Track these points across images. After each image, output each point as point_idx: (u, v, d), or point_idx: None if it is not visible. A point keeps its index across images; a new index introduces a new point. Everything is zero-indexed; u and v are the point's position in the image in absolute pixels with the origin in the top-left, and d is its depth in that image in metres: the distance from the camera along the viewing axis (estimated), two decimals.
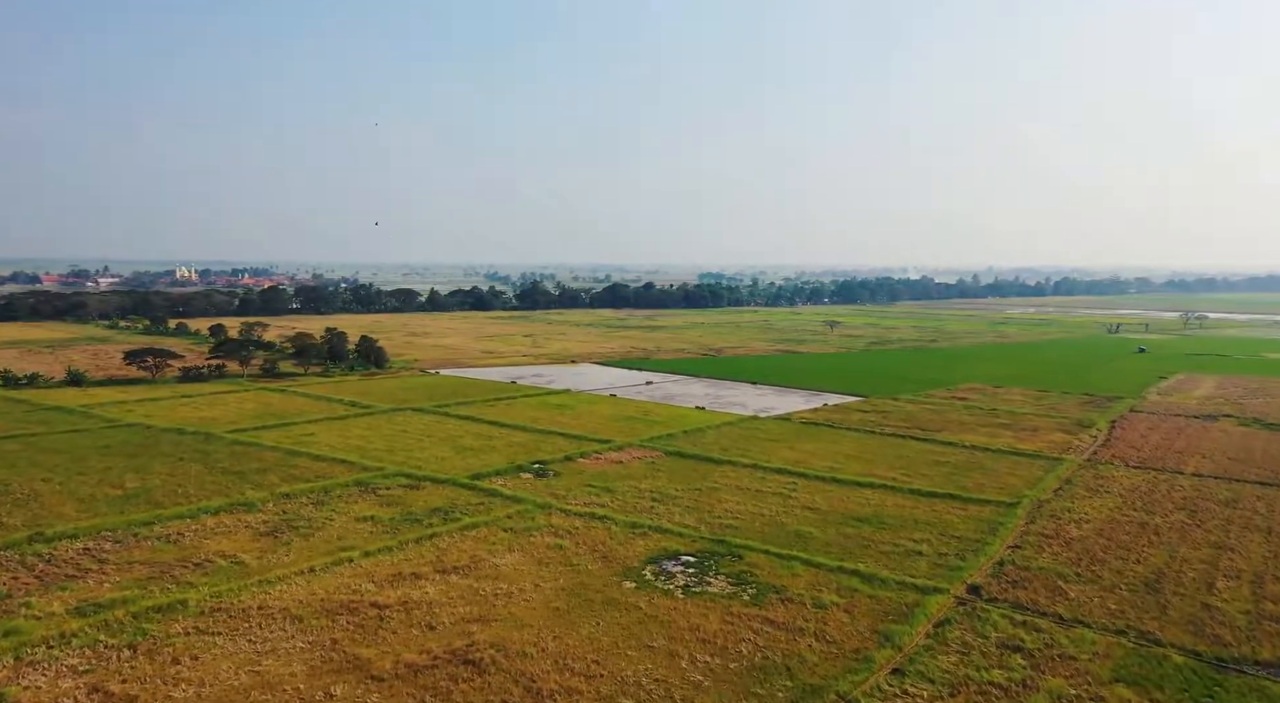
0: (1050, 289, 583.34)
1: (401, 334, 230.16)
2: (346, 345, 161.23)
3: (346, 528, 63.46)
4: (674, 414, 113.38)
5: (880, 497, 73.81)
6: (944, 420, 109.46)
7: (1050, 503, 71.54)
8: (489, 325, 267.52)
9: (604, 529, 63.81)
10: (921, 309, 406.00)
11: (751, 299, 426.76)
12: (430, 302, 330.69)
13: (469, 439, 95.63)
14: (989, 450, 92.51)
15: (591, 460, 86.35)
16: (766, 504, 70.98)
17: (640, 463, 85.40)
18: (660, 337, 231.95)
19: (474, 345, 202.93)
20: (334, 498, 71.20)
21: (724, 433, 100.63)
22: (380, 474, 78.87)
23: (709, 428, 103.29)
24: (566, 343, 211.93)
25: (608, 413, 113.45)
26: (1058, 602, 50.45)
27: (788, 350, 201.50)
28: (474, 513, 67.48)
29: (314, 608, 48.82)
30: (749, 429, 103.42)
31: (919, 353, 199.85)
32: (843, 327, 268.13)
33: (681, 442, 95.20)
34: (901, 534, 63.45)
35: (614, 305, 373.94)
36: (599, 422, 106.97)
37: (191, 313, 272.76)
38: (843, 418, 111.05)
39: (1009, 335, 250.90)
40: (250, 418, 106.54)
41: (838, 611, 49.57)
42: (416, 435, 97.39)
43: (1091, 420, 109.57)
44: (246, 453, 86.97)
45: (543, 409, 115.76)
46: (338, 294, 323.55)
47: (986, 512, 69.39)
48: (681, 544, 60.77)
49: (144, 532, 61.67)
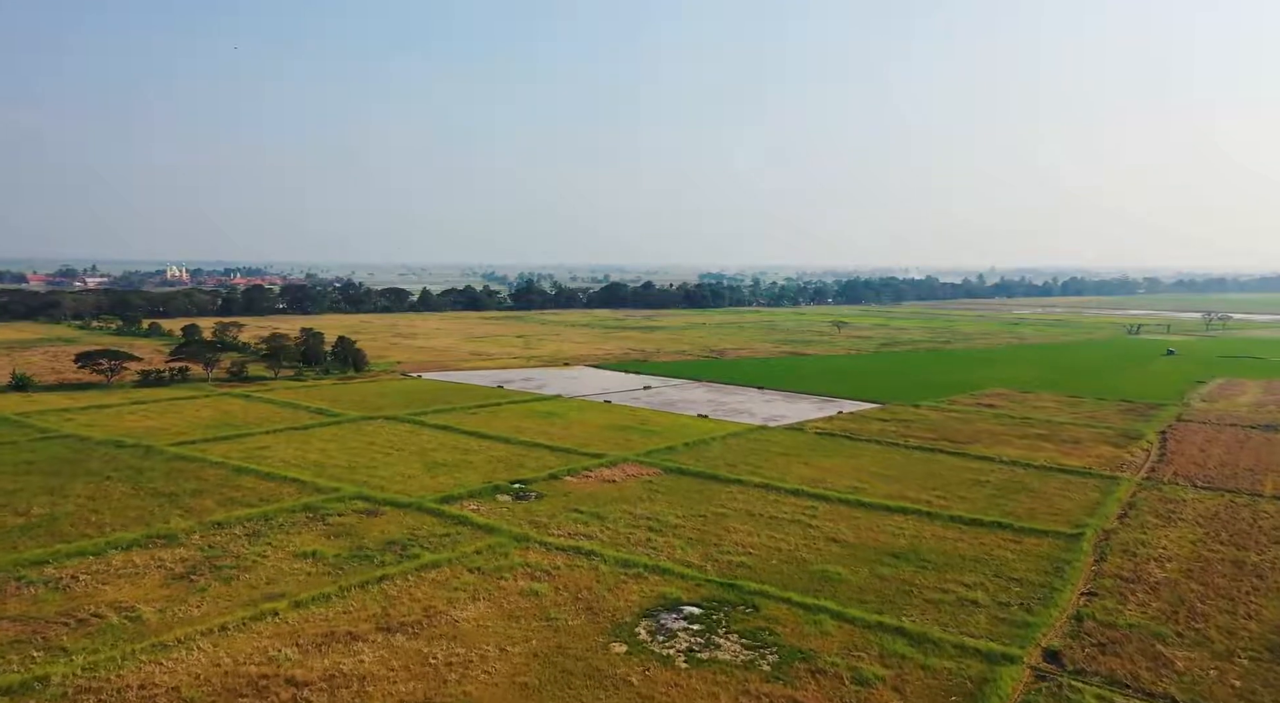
0: (1058, 289, 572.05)
1: (388, 335, 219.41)
2: (323, 347, 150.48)
3: (280, 568, 52.66)
4: (674, 424, 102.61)
5: (916, 525, 63.04)
6: (974, 431, 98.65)
7: (1118, 534, 60.73)
8: (481, 326, 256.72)
9: (590, 569, 53.07)
10: (928, 309, 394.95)
11: (753, 299, 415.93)
12: (422, 301, 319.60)
13: (443, 453, 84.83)
14: (1031, 467, 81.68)
15: (580, 479, 75.57)
16: (784, 535, 60.21)
17: (636, 482, 74.61)
18: (659, 338, 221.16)
19: (462, 347, 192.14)
20: (274, 528, 60.41)
21: (730, 446, 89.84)
22: (335, 497, 68.06)
23: (713, 440, 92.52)
24: (561, 344, 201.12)
25: (601, 422, 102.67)
26: (1164, 676, 39.65)
27: (794, 352, 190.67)
28: (436, 547, 56.71)
29: (213, 686, 38.00)
30: (758, 441, 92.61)
31: (933, 355, 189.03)
32: (850, 327, 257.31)
33: (683, 456, 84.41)
34: (948, 576, 52.67)
35: (612, 305, 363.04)
36: (591, 432, 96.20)
37: (172, 313, 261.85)
38: (861, 428, 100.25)
39: (1025, 336, 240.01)
40: (202, 428, 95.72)
41: (884, 689, 38.75)
42: (385, 449, 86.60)
43: (1139, 431, 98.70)
44: (186, 470, 76.13)
45: (529, 418, 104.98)
46: (326, 294, 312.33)
47: (1045, 545, 58.59)
48: (684, 589, 50.01)
49: (31, 574, 50.82)
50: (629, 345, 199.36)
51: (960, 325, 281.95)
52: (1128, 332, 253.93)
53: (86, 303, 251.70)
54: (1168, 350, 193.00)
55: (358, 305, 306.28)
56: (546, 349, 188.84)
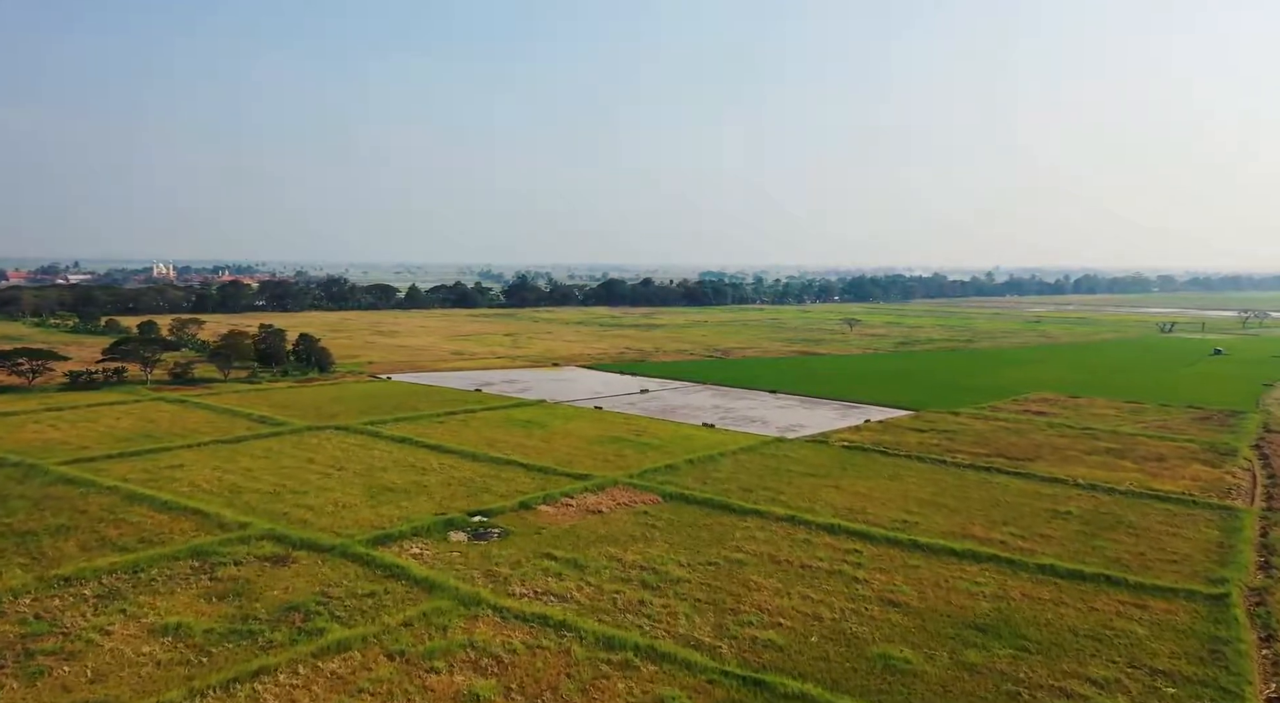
0: (1070, 287, 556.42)
1: (367, 333, 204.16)
2: (283, 345, 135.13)
3: (120, 654, 37.31)
4: (675, 435, 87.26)
5: (995, 578, 47.66)
6: (1031, 444, 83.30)
7: (1276, 594, 45.35)
8: (468, 324, 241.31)
9: (560, 652, 37.77)
10: (940, 307, 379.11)
11: (757, 297, 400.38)
12: (409, 298, 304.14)
13: (394, 474, 69.50)
14: (1116, 492, 66.24)
15: (558, 508, 60.22)
16: (823, 594, 44.87)
17: (628, 513, 59.27)
18: (659, 336, 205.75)
19: (444, 346, 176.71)
20: (141, 584, 45.05)
21: (743, 463, 74.51)
22: (238, 536, 52.68)
23: (722, 455, 77.20)
24: (552, 343, 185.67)
25: (589, 433, 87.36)
26: None
27: (806, 352, 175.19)
28: (351, 617, 41.36)
29: None
30: (776, 457, 77.28)
31: (958, 355, 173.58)
32: (862, 325, 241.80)
33: (686, 477, 69.08)
34: (1063, 666, 37.32)
35: (609, 303, 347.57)
36: (576, 446, 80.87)
37: (141, 310, 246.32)
38: (896, 440, 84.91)
39: (1053, 335, 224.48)
40: (114, 440, 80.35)
41: None
42: (324, 468, 71.25)
43: (1229, 445, 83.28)
44: (64, 498, 60.74)
45: (506, 427, 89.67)
46: (308, 291, 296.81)
47: (1181, 613, 43.20)
48: (689, 690, 34.69)
49: None
50: (626, 344, 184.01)
51: (978, 323, 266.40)
52: (1161, 330, 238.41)
53: (48, 299, 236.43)
54: (1214, 350, 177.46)
55: (341, 302, 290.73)
56: (535, 348, 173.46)
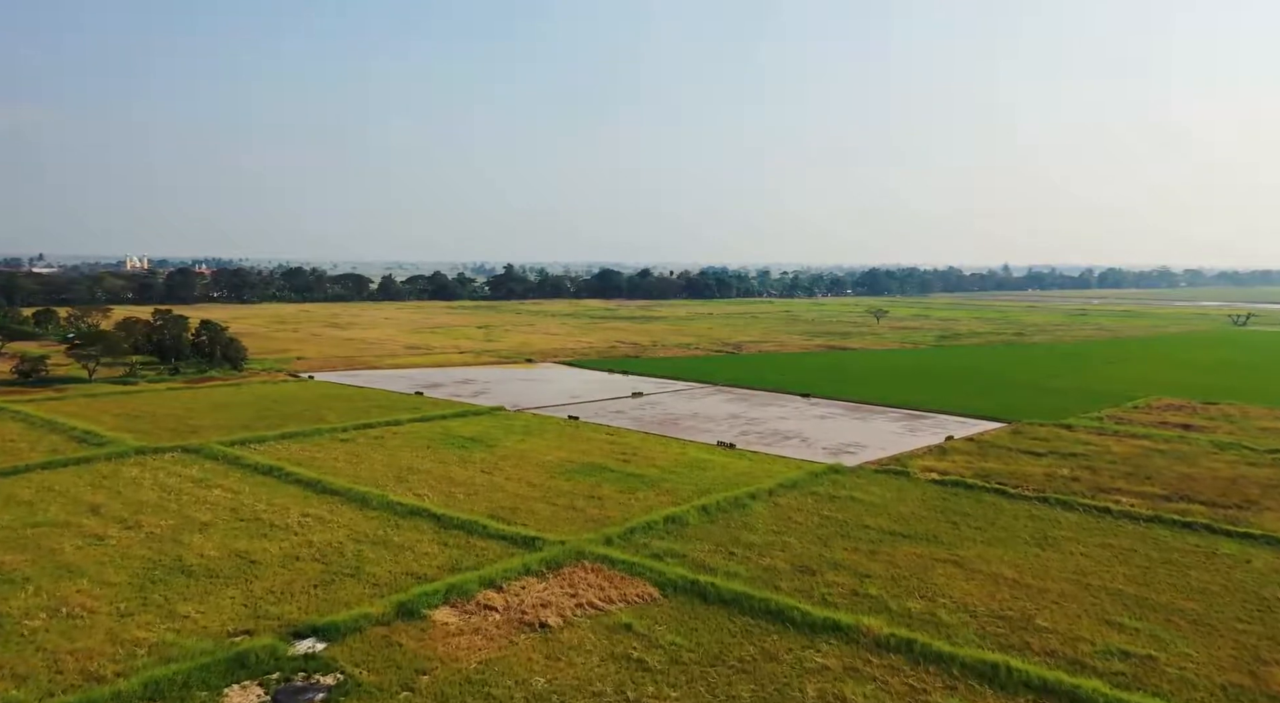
0: (1095, 282, 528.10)
1: (319, 325, 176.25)
2: (184, 336, 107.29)
3: None
4: (679, 460, 59.32)
5: None
6: (1222, 479, 55.39)
7: None
8: (442, 316, 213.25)
9: None
10: (965, 300, 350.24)
11: (763, 290, 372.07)
12: (382, 289, 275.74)
13: (216, 536, 41.68)
14: None
15: (468, 615, 32.42)
16: None
17: (595, 630, 31.47)
18: (657, 329, 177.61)
19: (402, 339, 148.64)
20: None
21: (789, 512, 46.63)
22: None
23: (754, 497, 49.35)
24: (530, 336, 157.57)
25: (553, 457, 59.48)
26: None
27: (833, 346, 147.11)
28: None
29: None
30: (838, 500, 49.36)
31: (1015, 350, 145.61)
32: (889, 317, 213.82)
33: (700, 540, 41.22)
34: None
35: (603, 296, 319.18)
36: (530, 480, 52.98)
37: (74, 301, 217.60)
38: (1009, 470, 56.99)
39: (1110, 328, 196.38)
40: None
41: None
42: (106, 523, 43.45)
43: None
44: None
45: (435, 448, 61.83)
46: (271, 281, 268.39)
47: None
48: None
49: None
50: (618, 337, 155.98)
51: (1017, 316, 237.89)
52: (1234, 322, 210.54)
53: None
54: None
55: (306, 294, 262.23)
56: (509, 342, 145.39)
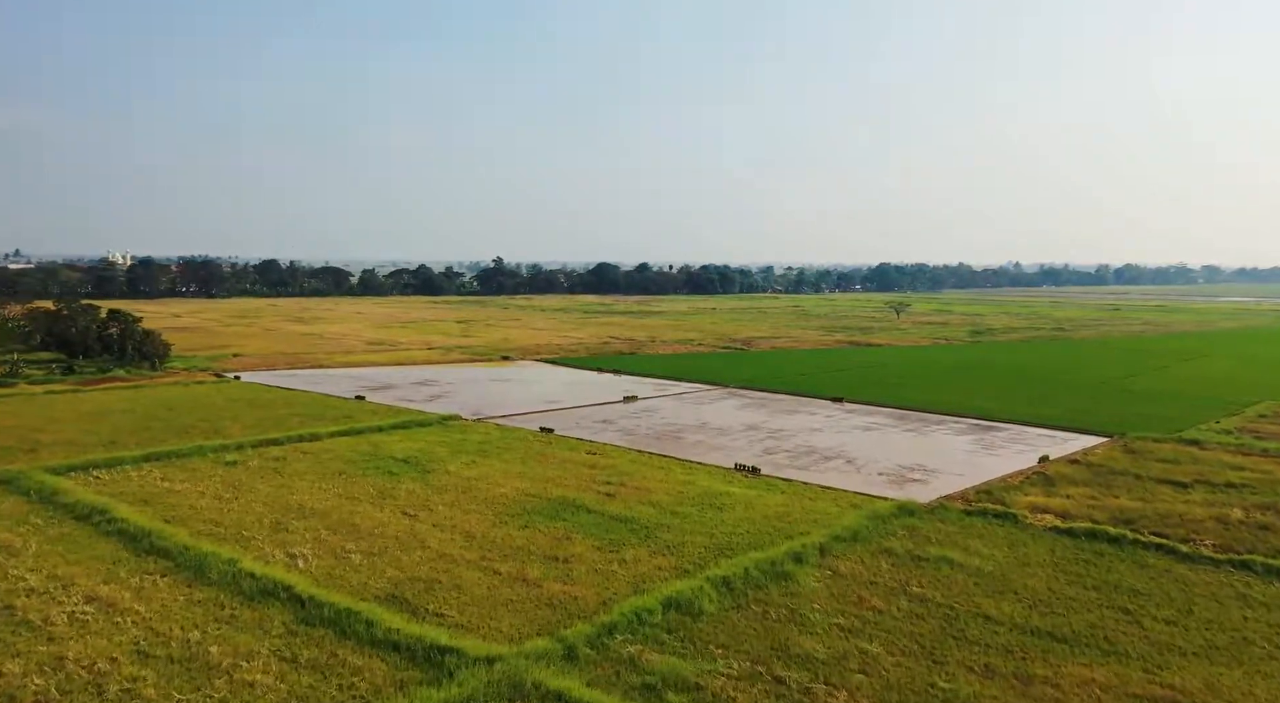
0: (1112, 278, 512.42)
1: (280, 319, 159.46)
2: (90, 328, 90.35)
3: None
4: (684, 493, 42.11)
5: None
6: None
7: None
8: (420, 311, 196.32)
9: None
10: (983, 296, 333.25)
11: (768, 286, 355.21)
12: (363, 284, 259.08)
13: None
14: None
15: None
16: None
17: None
18: (656, 324, 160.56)
19: (366, 334, 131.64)
20: None
21: (853, 588, 29.42)
22: None
23: (799, 560, 32.18)
24: (513, 331, 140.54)
25: (508, 490, 42.31)
26: None
27: (855, 342, 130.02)
28: None
29: None
30: (923, 563, 32.19)
31: (1064, 346, 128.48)
32: (910, 311, 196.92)
33: (721, 652, 23.86)
34: None
35: (599, 291, 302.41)
36: (470, 524, 35.84)
37: (23, 296, 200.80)
38: (1154, 510, 39.93)
39: (1159, 323, 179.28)
40: None
41: None
42: None
43: None
44: None
45: (352, 475, 44.65)
46: (243, 274, 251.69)
47: None
48: None
49: None
50: (612, 332, 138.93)
51: (1046, 312, 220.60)
52: None
53: None
54: None
55: (280, 288, 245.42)
56: (488, 337, 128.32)
